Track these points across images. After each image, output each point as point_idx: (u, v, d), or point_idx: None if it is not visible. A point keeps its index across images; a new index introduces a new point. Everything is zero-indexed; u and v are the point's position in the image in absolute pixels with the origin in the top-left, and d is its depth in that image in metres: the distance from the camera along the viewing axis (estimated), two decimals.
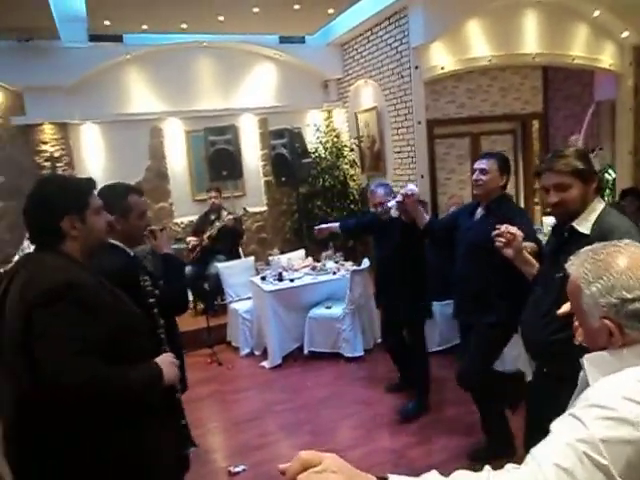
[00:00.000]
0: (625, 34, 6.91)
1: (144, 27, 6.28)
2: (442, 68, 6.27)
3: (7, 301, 1.52)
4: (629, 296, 1.02)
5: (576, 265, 1.13)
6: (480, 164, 2.95)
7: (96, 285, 1.57)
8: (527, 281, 2.27)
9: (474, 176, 2.97)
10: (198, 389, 4.40)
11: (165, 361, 1.71)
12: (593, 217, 1.97)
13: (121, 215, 2.09)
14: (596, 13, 6.64)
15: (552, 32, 6.62)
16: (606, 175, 8.05)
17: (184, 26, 6.34)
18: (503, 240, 2.15)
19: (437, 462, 3.22)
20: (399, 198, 3.25)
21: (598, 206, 2.00)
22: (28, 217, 1.62)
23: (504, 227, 2.16)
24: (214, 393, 4.49)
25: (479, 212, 3.01)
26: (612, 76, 7.31)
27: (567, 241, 2.02)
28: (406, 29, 6.10)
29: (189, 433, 1.94)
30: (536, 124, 7.81)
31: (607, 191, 8.30)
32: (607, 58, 7.09)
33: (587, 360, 1.11)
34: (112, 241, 2.03)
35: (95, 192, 1.74)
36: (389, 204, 3.41)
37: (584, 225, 1.97)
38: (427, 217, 3.34)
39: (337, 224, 4.53)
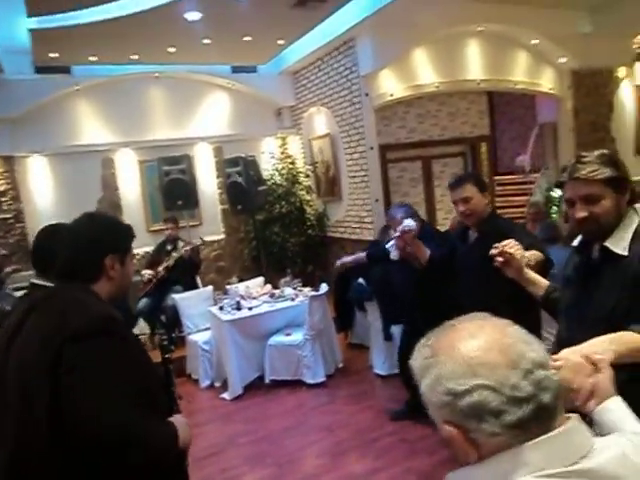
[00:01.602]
0: (563, 59, 7.31)
1: (93, 58, 6.23)
2: (391, 95, 6.46)
3: (19, 339, 1.39)
4: (458, 388, 0.76)
5: (415, 358, 0.86)
6: (459, 194, 2.75)
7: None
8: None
9: (459, 208, 2.76)
10: None
11: (180, 422, 1.55)
12: (629, 234, 1.62)
13: None
14: (534, 41, 7.00)
15: (494, 59, 6.95)
16: (552, 193, 8.39)
17: (135, 57, 6.32)
18: (501, 259, 1.93)
19: None
20: (396, 234, 3.09)
21: (633, 220, 1.65)
22: (66, 249, 1.55)
23: (501, 245, 1.94)
24: None
25: (472, 235, 2.84)
26: (553, 99, 7.70)
27: (599, 265, 1.68)
28: (355, 58, 6.27)
29: None
30: (484, 146, 8.12)
31: (554, 208, 8.66)
32: (547, 82, 7.47)
33: None
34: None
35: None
36: (387, 246, 3.27)
37: (619, 244, 1.61)
38: (428, 251, 3.08)
39: (363, 254, 4.37)
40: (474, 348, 0.78)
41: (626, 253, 1.59)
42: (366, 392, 4.73)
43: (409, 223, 3.02)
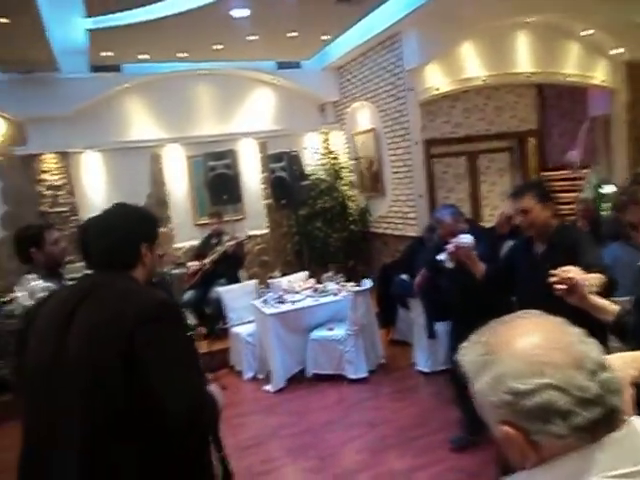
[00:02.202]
0: (617, 51, 7.02)
1: (143, 57, 6.40)
2: (437, 89, 6.37)
3: (74, 328, 1.45)
4: (523, 387, 0.72)
5: (466, 354, 0.82)
6: (517, 204, 2.62)
7: None
8: None
9: (517, 220, 2.67)
10: None
11: (215, 390, 1.69)
12: None
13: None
14: (588, 32, 6.75)
15: (544, 51, 6.75)
16: (602, 190, 8.09)
17: (183, 55, 6.46)
18: (562, 287, 1.76)
19: None
20: (451, 249, 2.90)
21: None
22: (103, 239, 1.61)
23: (560, 271, 1.78)
24: None
25: (538, 246, 2.65)
26: (605, 92, 7.41)
27: None
28: (400, 53, 6.21)
29: (228, 465, 1.87)
30: (532, 141, 7.89)
31: (604, 205, 8.34)
32: (600, 75, 7.20)
33: None
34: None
35: None
36: (440, 257, 3.08)
37: None
38: (483, 266, 2.87)
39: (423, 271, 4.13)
40: (536, 345, 0.75)
41: None
42: (409, 389, 4.71)
43: (466, 240, 2.84)
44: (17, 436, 1.52)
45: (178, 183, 7.34)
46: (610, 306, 1.79)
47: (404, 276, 5.28)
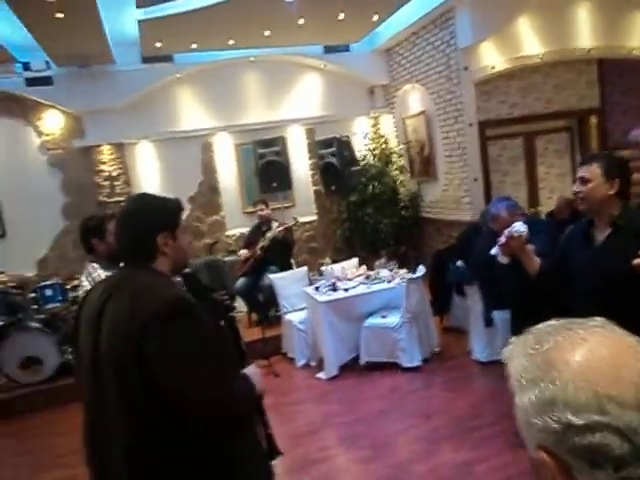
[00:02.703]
0: None
1: (193, 46, 6.45)
2: (492, 68, 6.12)
3: (103, 324, 1.51)
4: (577, 421, 0.60)
5: (514, 356, 0.71)
6: (579, 172, 2.34)
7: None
8: None
9: (574, 187, 2.36)
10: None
11: (253, 372, 1.69)
12: None
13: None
14: None
15: (607, 24, 6.36)
16: None
17: (231, 42, 6.47)
18: None
19: (505, 478, 3.10)
20: (502, 241, 2.55)
21: None
22: (124, 233, 1.65)
23: None
24: (272, 405, 4.46)
25: (602, 232, 2.30)
26: None
27: None
28: (453, 31, 5.99)
29: (275, 442, 1.92)
30: (593, 120, 7.48)
31: None
32: None
33: None
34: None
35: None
36: (493, 251, 2.80)
37: None
38: (537, 261, 2.51)
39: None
40: (603, 373, 0.61)
41: None
42: (464, 378, 4.60)
43: (519, 228, 2.50)
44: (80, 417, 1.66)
45: (228, 171, 7.41)
46: None
47: (459, 263, 5.14)
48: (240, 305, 6.28)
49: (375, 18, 6.38)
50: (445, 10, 5.98)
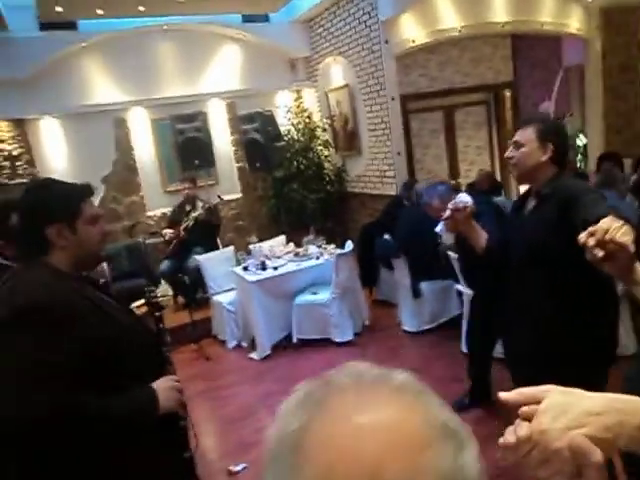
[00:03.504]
0: None
1: (99, 12, 5.95)
2: (413, 41, 6.14)
3: None
4: None
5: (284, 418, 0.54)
6: (516, 135, 2.17)
7: (73, 299, 1.42)
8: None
9: (507, 152, 2.20)
10: (187, 387, 4.24)
11: (163, 386, 1.52)
12: None
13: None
14: None
15: None
16: (577, 140, 8.11)
17: (142, 9, 6.03)
18: (602, 253, 1.20)
19: None
20: (447, 214, 2.31)
21: None
22: (17, 224, 1.51)
23: (600, 229, 1.22)
24: (204, 390, 4.35)
25: (530, 203, 2.15)
26: (579, 41, 7.30)
27: None
28: (374, 2, 5.93)
29: (194, 467, 1.74)
30: (508, 94, 7.77)
31: (579, 157, 8.38)
32: (574, 22, 7.06)
33: None
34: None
35: (91, 199, 1.56)
36: (437, 229, 2.65)
37: None
38: (484, 235, 2.30)
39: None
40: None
41: None
42: (395, 349, 4.69)
43: (463, 198, 2.37)
44: None
45: (144, 148, 6.97)
46: None
47: (386, 236, 5.19)
48: (165, 289, 6.02)
49: None
50: None
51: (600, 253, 1.20)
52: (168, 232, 5.84)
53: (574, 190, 1.92)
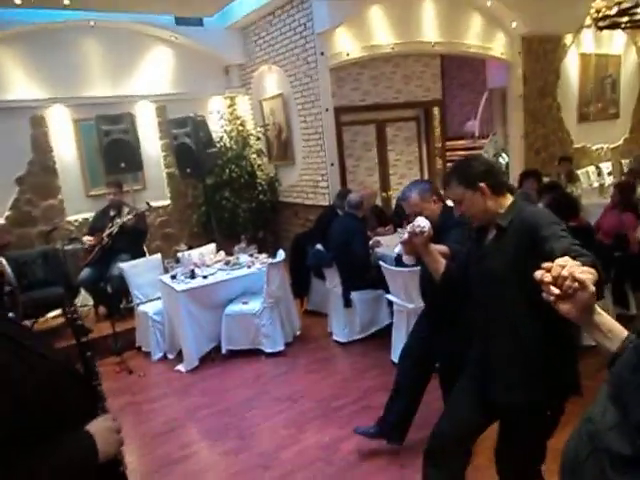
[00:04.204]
0: (514, 24, 7.30)
1: (17, 1, 5.57)
2: (347, 54, 6.23)
3: None
4: None
5: None
6: (449, 194, 2.12)
7: None
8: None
9: (457, 212, 2.14)
10: (108, 402, 4.02)
11: (100, 429, 1.29)
12: None
13: None
14: (488, 3, 6.93)
15: (449, 21, 6.84)
16: (500, 159, 8.53)
17: (66, 2, 5.69)
18: (557, 292, 1.13)
19: (370, 453, 3.17)
20: (405, 238, 2.25)
21: None
22: None
23: (556, 265, 1.14)
24: (127, 405, 4.12)
25: (490, 233, 2.03)
26: (503, 64, 7.72)
27: None
28: (310, 13, 5.96)
29: None
30: (437, 111, 8.07)
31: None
32: (499, 47, 7.46)
33: None
34: None
35: None
36: (396, 250, 2.56)
37: None
38: (443, 262, 2.25)
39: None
40: None
41: None
42: (326, 359, 4.67)
43: (421, 223, 2.22)
44: None
45: (66, 149, 6.58)
46: (619, 330, 1.16)
47: (319, 246, 5.18)
48: (85, 298, 5.69)
49: None
50: None
51: (555, 291, 1.12)
52: (89, 239, 5.51)
53: (534, 222, 1.82)
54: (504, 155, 8.27)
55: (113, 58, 6.72)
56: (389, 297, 4.30)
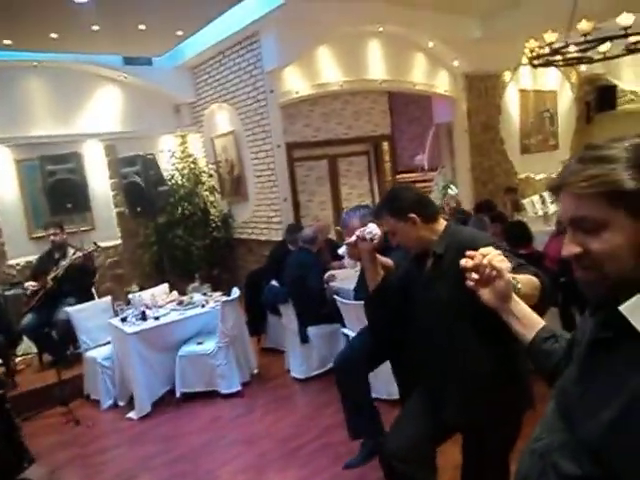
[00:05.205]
0: (456, 63, 7.64)
1: None
2: (297, 92, 6.35)
3: None
4: None
5: None
6: (382, 225, 2.14)
7: None
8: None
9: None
10: (54, 456, 3.78)
11: None
12: None
13: None
14: (430, 44, 7.25)
15: (395, 60, 7.11)
16: (449, 191, 8.78)
17: (8, 42, 5.61)
18: (476, 276, 1.24)
19: None
20: (352, 240, 2.19)
21: None
22: None
23: (478, 253, 1.25)
24: (74, 458, 3.86)
25: (428, 261, 2.04)
26: (448, 100, 8.04)
27: (614, 342, 0.89)
28: (259, 53, 6.07)
29: None
30: (386, 145, 8.28)
31: None
32: (443, 84, 7.78)
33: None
34: None
35: None
36: (340, 251, 2.50)
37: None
38: (381, 274, 2.23)
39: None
40: None
41: None
42: (285, 398, 4.56)
43: (372, 229, 2.17)
44: None
45: (7, 190, 6.35)
46: (535, 319, 1.27)
47: (274, 282, 5.13)
48: (28, 346, 5.39)
49: (179, 33, 6.15)
50: (251, 33, 6.04)
51: (475, 276, 1.23)
52: (31, 284, 5.26)
53: (472, 244, 1.68)
54: (453, 187, 8.52)
55: (59, 97, 6.61)
56: (345, 331, 4.27)
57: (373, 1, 5.99)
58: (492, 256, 1.23)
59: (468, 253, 1.26)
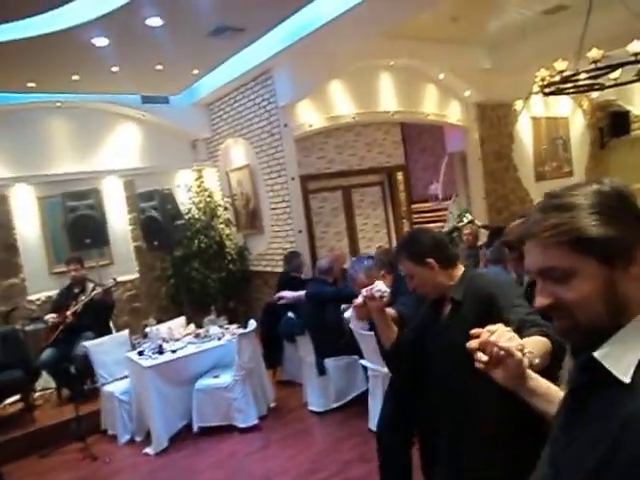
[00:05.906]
0: (467, 93, 7.73)
1: None
2: (310, 125, 6.45)
3: None
4: None
5: None
6: (400, 268, 2.10)
7: None
8: None
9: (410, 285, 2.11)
10: None
11: None
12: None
13: None
14: (441, 75, 7.35)
15: (406, 92, 7.21)
16: (464, 219, 8.75)
17: (32, 85, 5.82)
18: (485, 358, 1.13)
19: None
20: (359, 302, 2.10)
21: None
22: None
23: (484, 331, 1.16)
24: None
25: (446, 307, 1.99)
26: (460, 130, 8.09)
27: (591, 387, 0.86)
28: (272, 89, 6.21)
29: None
30: (400, 175, 8.32)
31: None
32: (455, 114, 7.85)
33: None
34: None
35: None
36: (346, 314, 2.45)
37: (622, 363, 0.81)
38: (395, 331, 2.14)
39: (302, 293, 3.44)
40: None
41: (628, 380, 0.80)
42: (303, 431, 4.49)
43: (381, 287, 2.10)
44: None
45: (29, 227, 6.49)
46: (555, 392, 1.16)
47: (291, 314, 5.12)
48: (47, 381, 5.42)
49: (195, 72, 6.33)
50: (264, 70, 6.19)
51: (483, 357, 1.12)
52: (51, 316, 5.32)
53: (489, 292, 1.82)
54: (468, 215, 8.50)
55: (80, 136, 6.81)
56: (363, 362, 4.22)
57: (383, 37, 6.12)
58: (499, 334, 1.13)
59: (472, 332, 1.17)
